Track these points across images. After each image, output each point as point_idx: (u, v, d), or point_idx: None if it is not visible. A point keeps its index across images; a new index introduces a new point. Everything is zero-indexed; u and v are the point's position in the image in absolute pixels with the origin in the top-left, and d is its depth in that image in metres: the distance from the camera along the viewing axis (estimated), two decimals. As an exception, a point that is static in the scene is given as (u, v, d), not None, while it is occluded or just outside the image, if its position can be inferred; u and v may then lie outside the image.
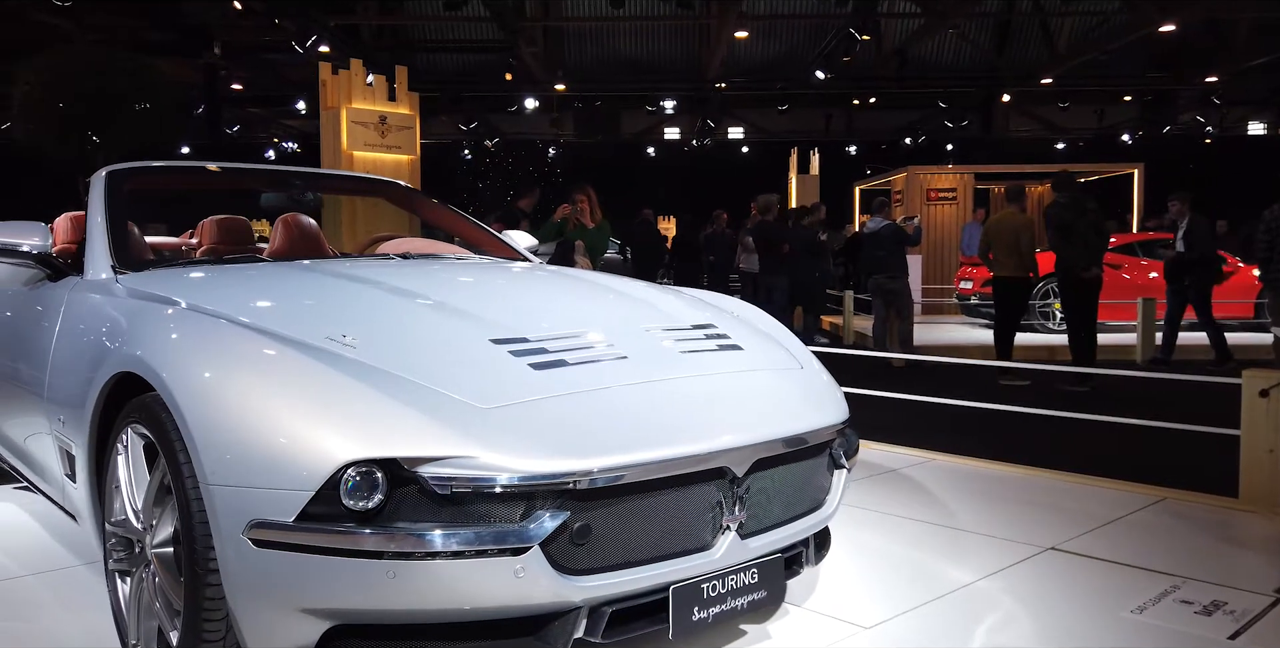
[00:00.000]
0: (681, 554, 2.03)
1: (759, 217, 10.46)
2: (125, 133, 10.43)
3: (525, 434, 1.88)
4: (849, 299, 11.18)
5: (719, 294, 3.25)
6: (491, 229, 3.82)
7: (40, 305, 2.88)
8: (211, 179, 4.05)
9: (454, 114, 23.40)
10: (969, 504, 3.72)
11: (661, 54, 22.31)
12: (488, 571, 1.79)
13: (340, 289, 2.50)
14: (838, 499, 2.44)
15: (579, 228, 7.06)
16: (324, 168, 7.61)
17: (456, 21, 20.43)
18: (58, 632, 2.48)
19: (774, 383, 2.43)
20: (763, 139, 25.11)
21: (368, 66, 7.61)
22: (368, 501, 1.78)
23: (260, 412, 1.85)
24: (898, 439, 4.85)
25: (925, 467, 4.36)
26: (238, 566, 1.81)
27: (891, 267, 9.06)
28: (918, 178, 14.60)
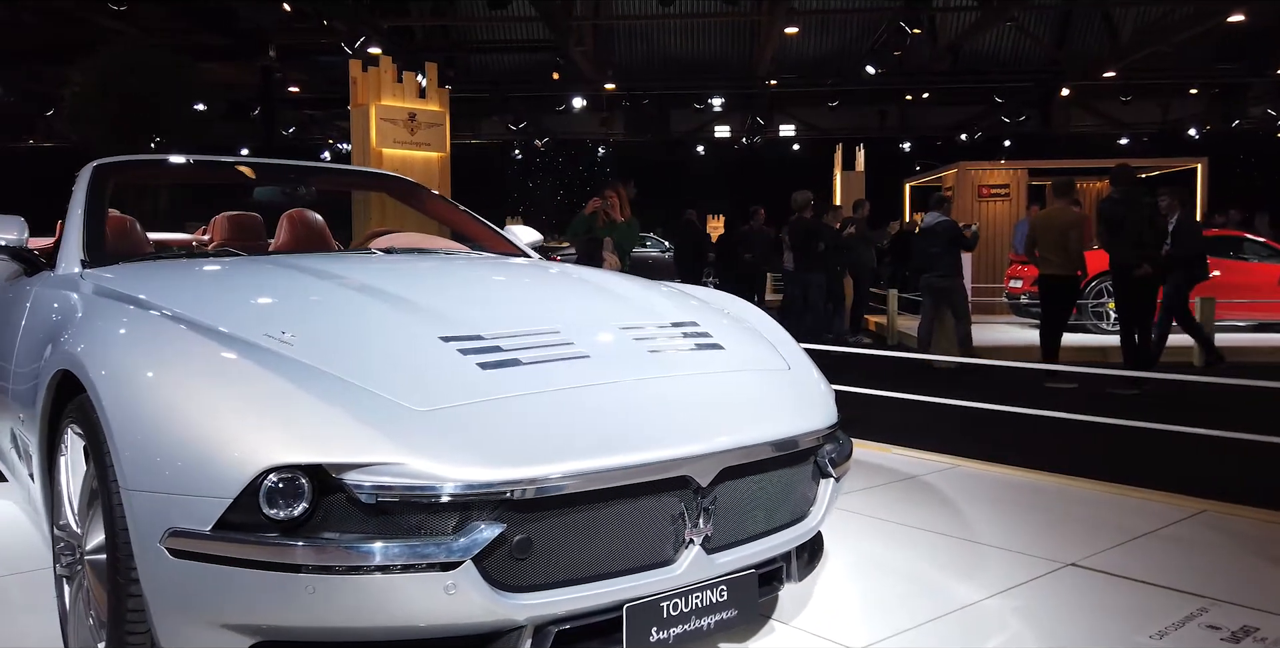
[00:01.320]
0: (638, 570, 1.88)
1: (796, 214, 10.26)
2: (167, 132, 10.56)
3: (461, 439, 1.75)
4: (893, 298, 10.89)
5: (717, 292, 3.09)
6: (493, 225, 3.70)
7: (14, 299, 2.84)
8: (203, 172, 4.00)
9: (504, 114, 23.47)
10: (990, 515, 3.50)
11: (711, 51, 22.09)
12: (416, 587, 1.66)
13: (297, 284, 2.40)
14: (823, 511, 2.27)
15: (608, 224, 6.93)
16: (355, 165, 7.61)
17: (506, 22, 20.49)
18: (15, 635, 2.42)
19: (753, 385, 2.27)
20: (814, 136, 24.74)
21: (398, 64, 7.56)
22: (291, 509, 1.66)
23: (182, 413, 1.74)
24: (924, 444, 4.63)
25: (949, 473, 4.14)
26: (156, 577, 1.71)
27: (943, 265, 8.64)
28: (969, 174, 14.20)
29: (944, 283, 8.65)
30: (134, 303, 2.16)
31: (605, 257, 6.86)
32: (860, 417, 5.70)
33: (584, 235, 7.13)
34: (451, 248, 3.42)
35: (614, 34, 21.73)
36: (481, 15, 20.06)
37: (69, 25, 16.25)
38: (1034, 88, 21.00)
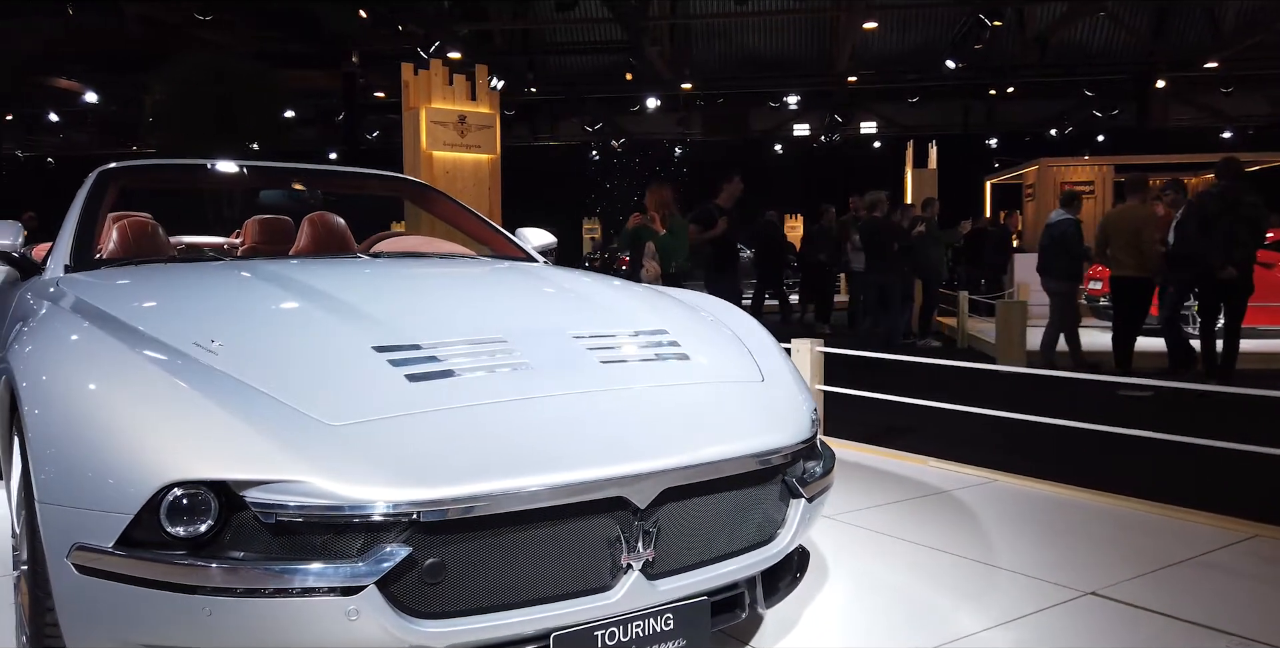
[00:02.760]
0: (569, 597, 1.77)
1: (865, 214, 9.98)
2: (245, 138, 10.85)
3: (371, 456, 1.67)
4: (963, 301, 10.50)
5: (707, 296, 2.95)
6: (499, 228, 3.63)
7: (4, 304, 2.88)
8: (211, 176, 4.04)
9: (581, 116, 23.56)
10: (1016, 535, 3.28)
11: (789, 48, 21.81)
12: (315, 612, 1.59)
13: (248, 292, 2.36)
14: (792, 534, 2.12)
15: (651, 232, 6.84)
16: (406, 168, 7.67)
17: (581, 24, 20.58)
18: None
19: (713, 398, 2.13)
20: (895, 133, 24.18)
21: (449, 67, 7.58)
22: (194, 527, 1.61)
23: (92, 425, 1.70)
24: (968, 456, 4.39)
25: (983, 489, 3.91)
26: (64, 592, 1.68)
27: (1054, 267, 7.92)
28: (1050, 170, 13.63)
29: (1050, 286, 7.94)
30: (82, 309, 2.15)
31: (646, 264, 6.78)
32: (907, 427, 5.49)
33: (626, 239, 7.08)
34: (451, 252, 3.36)
35: (691, 33, 21.62)
36: (558, 17, 20.18)
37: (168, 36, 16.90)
38: (1128, 80, 20.13)
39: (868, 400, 4.93)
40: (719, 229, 7.46)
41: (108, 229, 3.44)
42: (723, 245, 7.62)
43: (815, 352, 4.94)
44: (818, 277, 12.24)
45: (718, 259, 7.67)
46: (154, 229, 3.44)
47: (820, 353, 4.97)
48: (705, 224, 7.54)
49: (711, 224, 7.51)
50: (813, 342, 4.95)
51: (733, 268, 7.82)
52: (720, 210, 7.60)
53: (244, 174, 3.65)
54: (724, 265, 7.70)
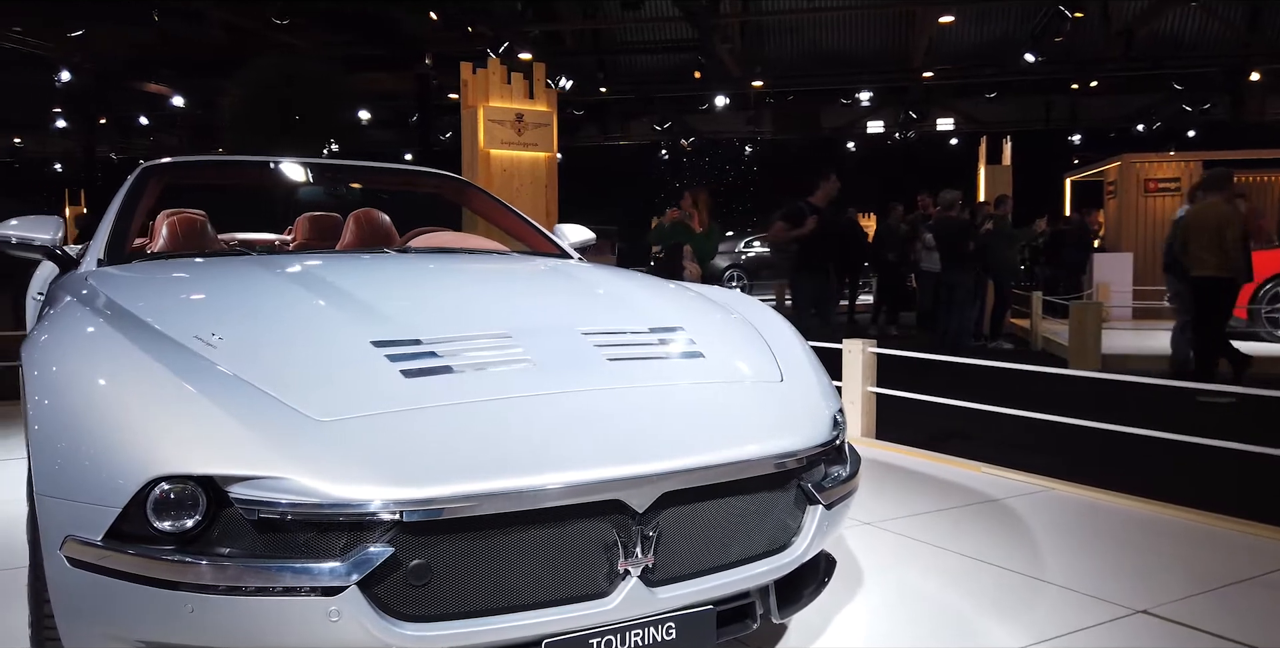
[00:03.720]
0: (563, 602, 1.71)
1: (939, 213, 9.73)
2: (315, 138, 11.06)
3: (357, 453, 1.63)
4: (1037, 301, 10.14)
5: (736, 293, 2.85)
6: (537, 224, 3.59)
7: (46, 298, 2.93)
8: (251, 173, 4.08)
9: (651, 115, 23.53)
10: (1068, 547, 3.11)
11: (863, 44, 21.40)
12: (296, 612, 1.55)
13: (260, 286, 2.35)
14: (808, 541, 2.02)
15: (688, 231, 6.76)
16: (464, 167, 7.71)
17: (651, 22, 20.51)
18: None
19: (724, 398, 2.05)
20: (973, 129, 23.57)
21: (507, 66, 7.60)
22: (180, 522, 1.59)
23: (87, 416, 1.70)
24: (1025, 463, 4.20)
25: (1038, 498, 3.73)
26: (57, 584, 1.68)
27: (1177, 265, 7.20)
28: (1133, 167, 13.09)
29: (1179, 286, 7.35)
30: (97, 303, 2.16)
31: (686, 265, 6.71)
32: (965, 432, 5.29)
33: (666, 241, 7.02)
34: (483, 247, 3.34)
35: (762, 30, 21.38)
36: (627, 17, 20.17)
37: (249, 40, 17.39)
38: (1220, 73, 19.26)
39: (925, 404, 4.77)
40: (807, 227, 7.21)
41: (158, 225, 3.50)
42: (813, 245, 7.33)
43: (867, 353, 4.80)
44: (888, 276, 11.97)
45: (805, 258, 7.39)
46: (202, 225, 3.48)
47: (872, 354, 4.82)
48: (794, 222, 7.28)
49: (800, 222, 7.26)
50: (865, 342, 4.81)
51: (822, 268, 7.50)
52: (812, 208, 7.32)
53: (285, 171, 3.67)
54: (812, 265, 7.40)
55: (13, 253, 2.96)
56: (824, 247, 7.50)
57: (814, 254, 7.42)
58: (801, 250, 7.38)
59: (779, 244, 7.39)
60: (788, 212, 7.38)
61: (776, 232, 7.46)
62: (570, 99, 22.88)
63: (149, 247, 3.52)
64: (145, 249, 3.45)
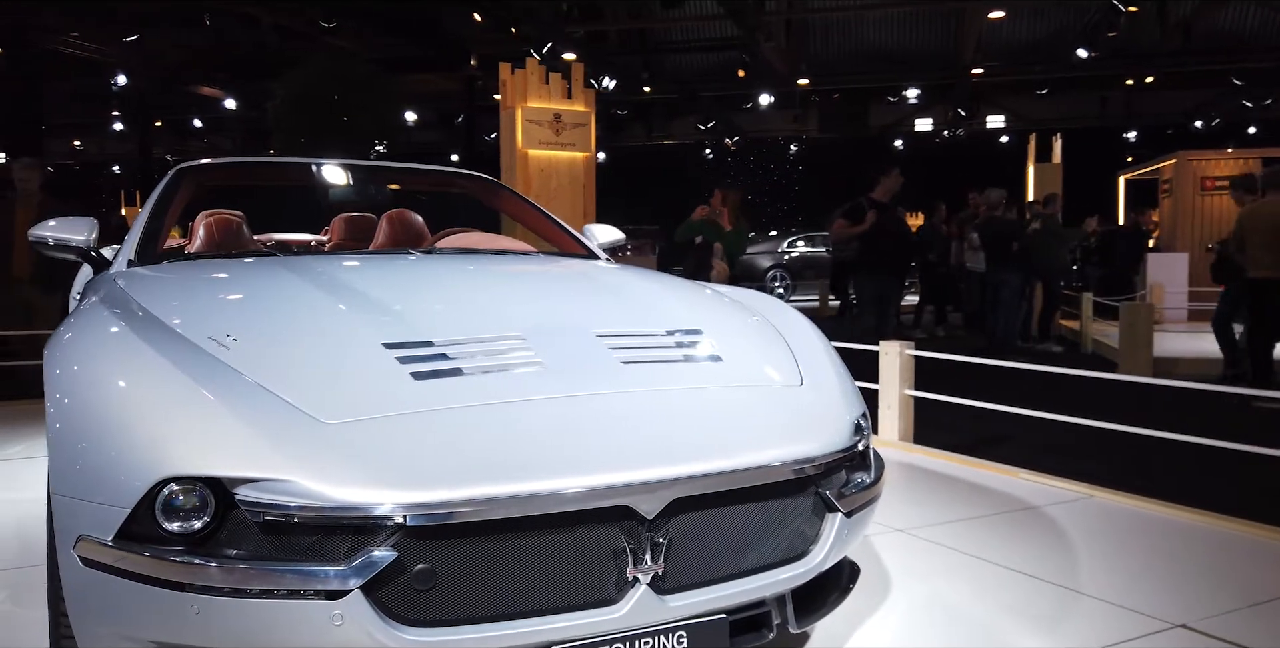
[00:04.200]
0: (571, 609, 1.68)
1: (986, 212, 9.56)
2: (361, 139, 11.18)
3: (362, 456, 1.62)
4: (1087, 302, 9.91)
5: (759, 294, 2.81)
6: (565, 224, 3.57)
7: (81, 298, 2.98)
8: (283, 174, 4.11)
9: (695, 114, 23.46)
10: (1107, 557, 3.01)
11: (911, 41, 21.13)
12: (300, 615, 1.55)
13: (279, 287, 2.35)
14: (826, 550, 1.97)
15: (716, 230, 6.71)
16: (503, 167, 7.73)
17: (696, 21, 20.45)
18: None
19: (741, 403, 2.01)
20: (1024, 127, 23.15)
21: (544, 64, 7.61)
22: (189, 523, 1.59)
23: (100, 416, 1.72)
24: (1065, 469, 4.09)
25: (1078, 505, 3.63)
26: (71, 583, 1.70)
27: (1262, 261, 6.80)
28: (1190, 165, 12.73)
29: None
30: (119, 303, 2.18)
31: (715, 264, 6.66)
32: (1006, 436, 5.17)
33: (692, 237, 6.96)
34: (510, 248, 3.33)
35: (808, 27, 21.20)
36: (672, 16, 20.12)
37: (300, 43, 17.65)
38: (1282, 67, 18.66)
39: (967, 408, 4.66)
40: (866, 224, 6.95)
41: (196, 225, 3.55)
42: (873, 242, 7.06)
43: (905, 356, 4.71)
44: (930, 276, 11.79)
45: (865, 256, 7.13)
46: (238, 226, 3.52)
47: (910, 357, 4.74)
48: (853, 219, 7.03)
49: (860, 219, 7.01)
50: (901, 345, 4.73)
51: (883, 266, 7.18)
52: (872, 204, 7.05)
53: (316, 173, 3.70)
54: (872, 264, 7.14)
55: (49, 254, 3.00)
56: (886, 244, 7.20)
57: (875, 252, 7.15)
58: (862, 248, 7.14)
59: (839, 242, 7.17)
60: (848, 208, 7.15)
61: (836, 229, 7.21)
62: (614, 99, 22.91)
63: (188, 247, 3.57)
64: (185, 249, 3.50)
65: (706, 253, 6.86)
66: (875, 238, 7.06)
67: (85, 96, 23.90)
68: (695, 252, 7.10)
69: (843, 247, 7.20)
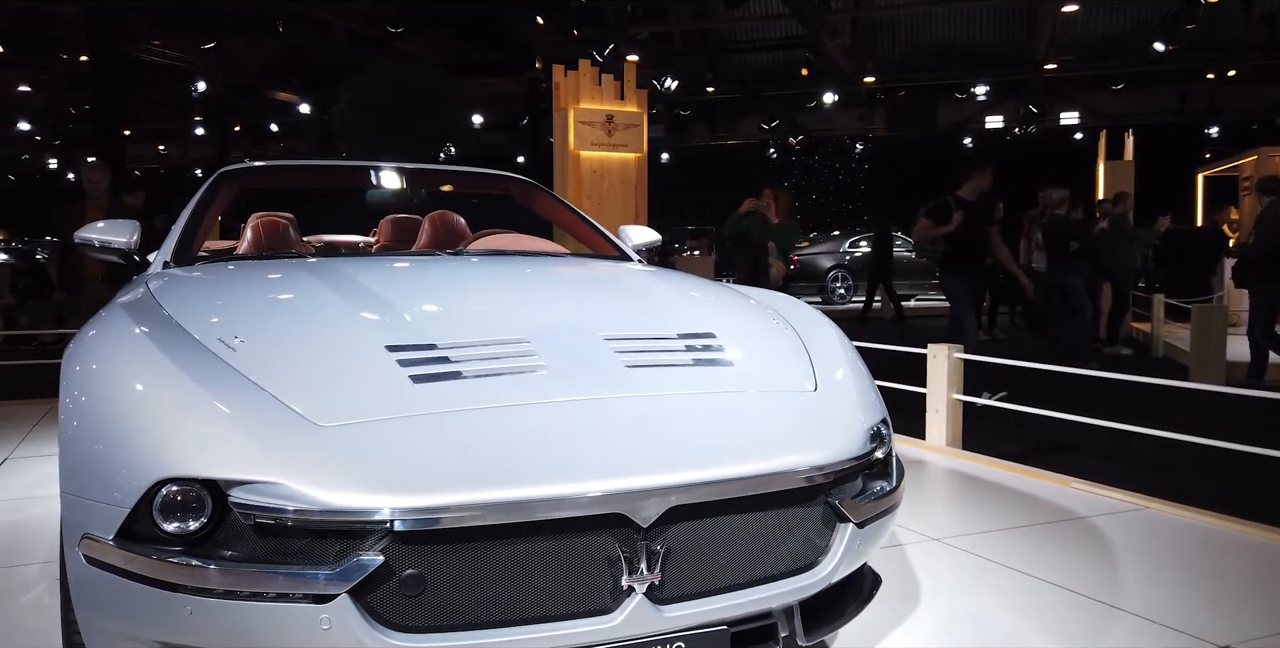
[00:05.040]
0: (564, 618, 1.66)
1: (1048, 211, 9.29)
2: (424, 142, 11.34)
3: (354, 460, 1.62)
4: (1159, 304, 9.56)
5: (782, 296, 2.74)
6: (599, 225, 3.56)
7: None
8: (324, 176, 4.17)
9: (757, 114, 23.30)
10: (1153, 572, 2.89)
11: (981, 37, 20.68)
12: (289, 618, 1.55)
13: (293, 288, 2.37)
14: (836, 561, 1.91)
15: (764, 225, 6.62)
16: (555, 168, 7.76)
17: (760, 21, 20.32)
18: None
19: (747, 409, 1.96)
20: (1100, 123, 22.47)
21: (598, 67, 7.62)
22: (185, 524, 1.61)
23: (105, 417, 1.75)
24: (1121, 478, 3.94)
25: (1129, 517, 3.48)
26: (76, 581, 1.73)
27: None
28: (1273, 160, 12.18)
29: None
30: (140, 304, 2.22)
31: (772, 262, 6.57)
32: (1066, 444, 4.99)
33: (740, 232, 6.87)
34: (540, 250, 3.32)
35: (875, 25, 20.90)
36: (736, 15, 20.01)
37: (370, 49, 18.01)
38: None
39: (1030, 415, 4.52)
40: (953, 224, 6.58)
41: (246, 227, 3.63)
42: (960, 243, 6.69)
43: (953, 359, 4.59)
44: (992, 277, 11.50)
45: (953, 258, 6.77)
46: (284, 228, 3.58)
47: (958, 360, 4.61)
48: (939, 218, 6.67)
49: (945, 218, 6.63)
50: (950, 347, 4.61)
51: (971, 268, 6.82)
52: (959, 203, 6.68)
53: (356, 175, 3.75)
54: (959, 265, 6.78)
55: (93, 255, 3.09)
56: (974, 245, 6.81)
57: (963, 253, 6.76)
58: (949, 249, 6.78)
59: (923, 242, 6.85)
60: (932, 207, 6.78)
61: (920, 229, 6.82)
62: (677, 99, 22.87)
63: (236, 248, 3.64)
64: (234, 251, 3.57)
65: (762, 252, 6.79)
66: (962, 238, 6.68)
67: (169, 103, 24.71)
68: (749, 251, 7.04)
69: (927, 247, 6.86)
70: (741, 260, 7.31)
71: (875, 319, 13.83)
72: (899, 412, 4.80)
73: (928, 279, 16.91)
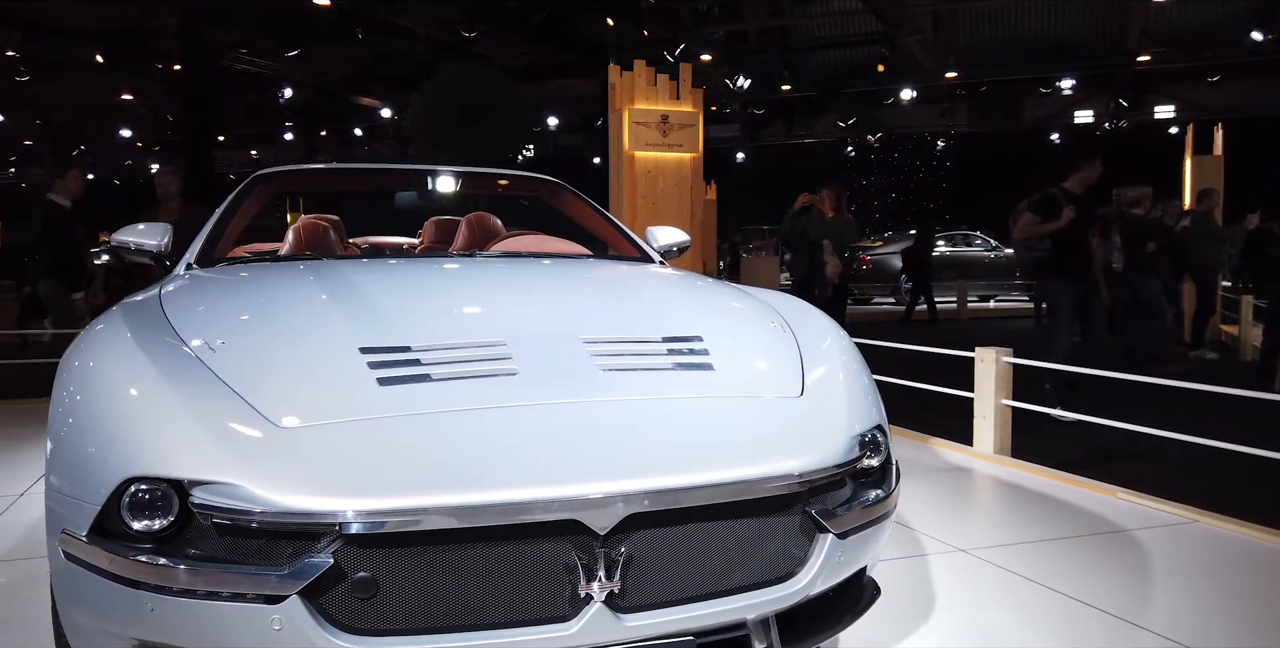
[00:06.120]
0: (521, 624, 1.64)
1: (1124, 210, 8.92)
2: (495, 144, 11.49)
3: (308, 463, 1.63)
4: (1247, 305, 9.09)
5: (790, 298, 2.66)
6: (624, 227, 3.54)
7: None
8: (356, 179, 4.23)
9: (834, 112, 22.98)
10: (1191, 590, 2.73)
11: (1070, 29, 20.02)
12: (243, 618, 1.57)
13: (287, 290, 2.40)
14: (814, 572, 1.85)
15: (819, 222, 6.49)
16: (611, 168, 7.75)
17: (836, 17, 20.04)
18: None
19: (720, 414, 1.91)
20: (1197, 116, 21.52)
21: (653, 67, 7.59)
22: (151, 522, 1.64)
23: (86, 415, 1.80)
24: (1175, 490, 3.75)
25: (1175, 530, 3.31)
26: (55, 575, 1.78)
27: None
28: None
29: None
30: (143, 305, 2.27)
31: (828, 260, 6.46)
32: (1126, 453, 4.77)
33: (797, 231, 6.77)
34: (558, 251, 3.31)
35: (957, 18, 20.40)
36: (811, 11, 19.76)
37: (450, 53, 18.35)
38: None
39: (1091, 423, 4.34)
40: (1063, 220, 5.84)
41: (288, 231, 3.71)
42: (1067, 241, 5.94)
43: (1001, 363, 4.44)
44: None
45: (1059, 257, 6.00)
46: (325, 230, 3.64)
47: (1007, 365, 4.45)
48: (1045, 214, 5.94)
49: (1053, 214, 5.90)
50: (998, 351, 4.45)
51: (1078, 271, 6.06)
52: (1067, 197, 5.97)
53: (388, 177, 3.80)
54: (1065, 268, 6.00)
55: (129, 257, 3.19)
56: (1083, 246, 6.05)
57: (1070, 255, 5.98)
58: (1055, 249, 5.98)
59: (1025, 240, 6.03)
60: (1036, 201, 6.12)
61: (1023, 226, 6.11)
62: (752, 98, 22.70)
63: (280, 250, 3.73)
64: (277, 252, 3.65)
65: (818, 250, 6.69)
66: (1071, 236, 5.95)
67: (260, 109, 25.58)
68: (804, 249, 6.94)
69: (1031, 246, 6.00)
70: (797, 258, 7.20)
71: (942, 322, 13.49)
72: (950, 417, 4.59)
73: (1007, 279, 16.44)
